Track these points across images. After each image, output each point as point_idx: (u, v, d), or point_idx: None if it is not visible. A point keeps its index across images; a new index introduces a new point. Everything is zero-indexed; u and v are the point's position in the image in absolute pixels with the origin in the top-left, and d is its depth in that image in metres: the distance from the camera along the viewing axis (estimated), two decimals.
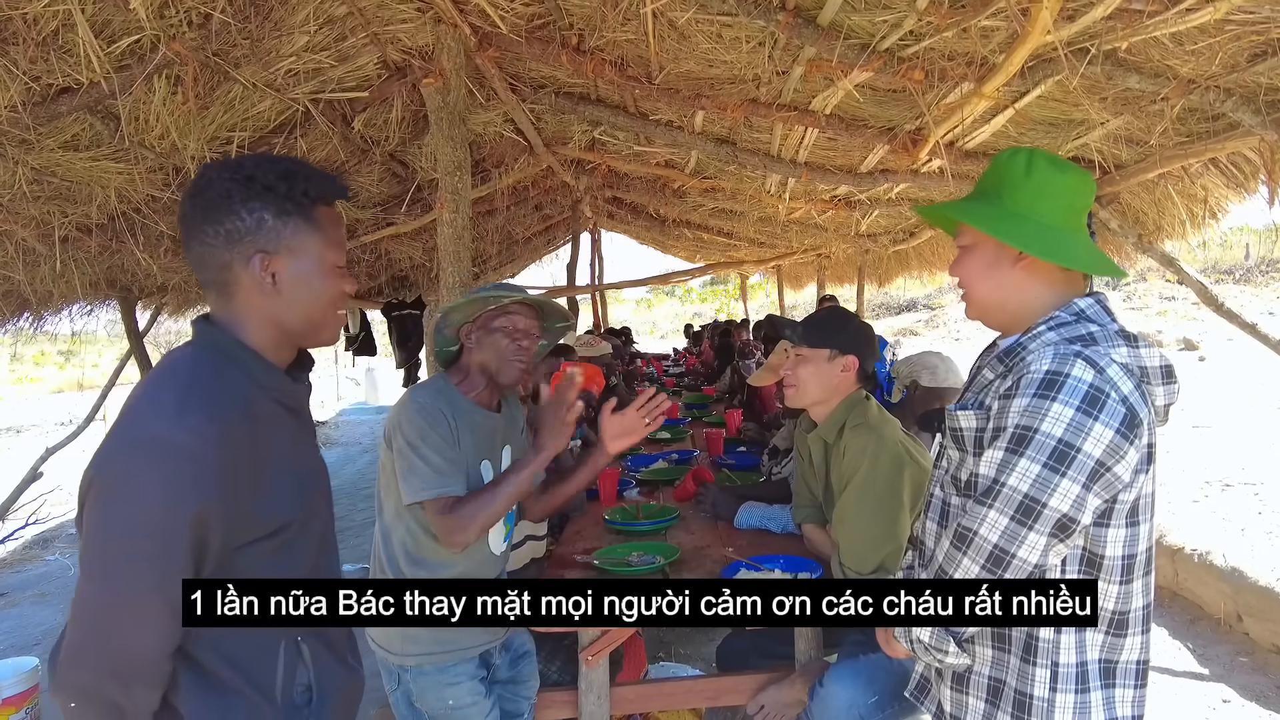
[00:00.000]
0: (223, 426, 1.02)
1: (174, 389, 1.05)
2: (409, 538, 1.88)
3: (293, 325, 1.17)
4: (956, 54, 2.58)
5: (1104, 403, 1.14)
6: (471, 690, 1.92)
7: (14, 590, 5.41)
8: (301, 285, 1.15)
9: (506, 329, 1.91)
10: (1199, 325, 13.40)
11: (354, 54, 3.12)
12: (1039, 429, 1.15)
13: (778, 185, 5.13)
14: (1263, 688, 3.23)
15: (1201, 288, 3.54)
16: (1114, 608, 1.24)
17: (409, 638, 1.88)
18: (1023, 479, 1.16)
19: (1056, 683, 1.23)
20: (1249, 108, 2.40)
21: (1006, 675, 1.28)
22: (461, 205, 3.02)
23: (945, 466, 1.41)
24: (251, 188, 1.10)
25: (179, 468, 0.98)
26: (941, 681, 1.38)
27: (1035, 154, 1.31)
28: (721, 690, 2.24)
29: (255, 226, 1.11)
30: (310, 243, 1.15)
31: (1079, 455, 1.14)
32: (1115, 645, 1.24)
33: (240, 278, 1.12)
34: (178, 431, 0.99)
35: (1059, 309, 1.28)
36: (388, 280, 7.44)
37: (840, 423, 2.14)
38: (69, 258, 3.78)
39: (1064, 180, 1.29)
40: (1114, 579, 1.23)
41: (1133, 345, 1.23)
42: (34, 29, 2.17)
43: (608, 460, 1.99)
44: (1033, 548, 1.17)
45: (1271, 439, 6.61)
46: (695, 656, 3.58)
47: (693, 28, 2.86)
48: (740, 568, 2.19)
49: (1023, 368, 1.23)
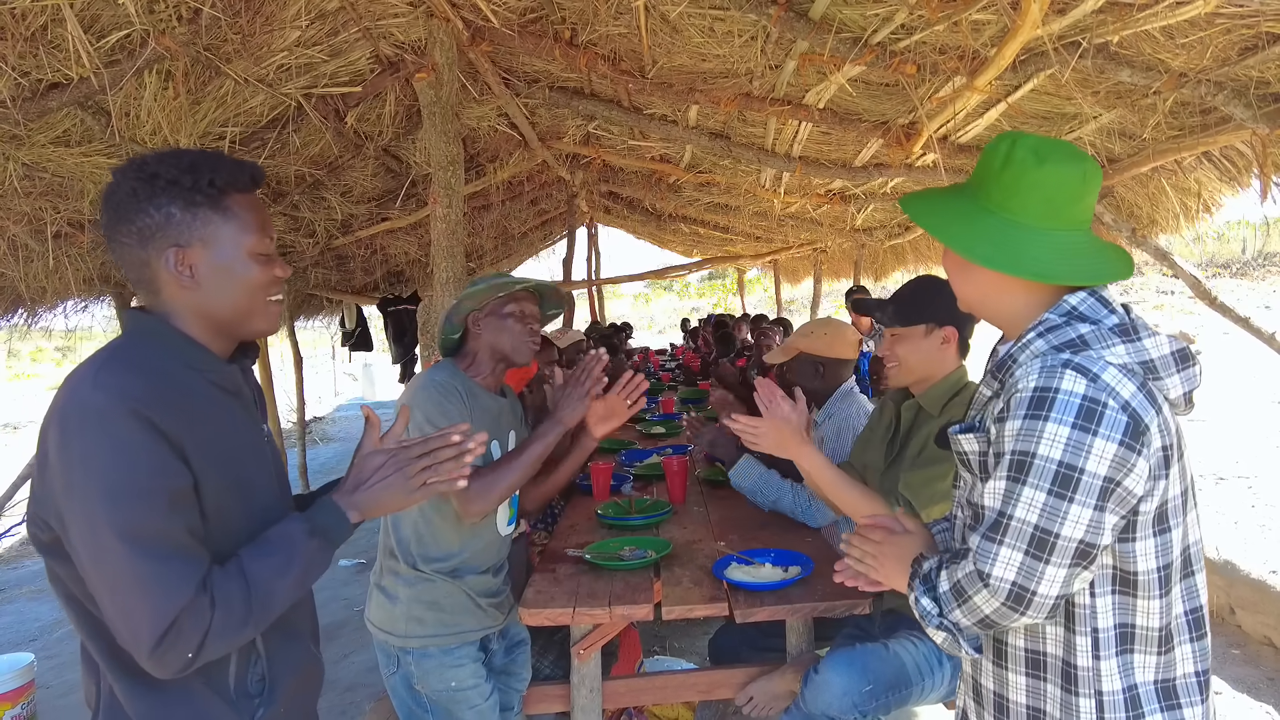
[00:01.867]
0: (139, 383, 1.04)
1: (90, 364, 1.07)
2: (421, 520, 1.92)
3: (220, 316, 1.16)
4: (948, 47, 2.58)
5: (1101, 414, 1.04)
6: (474, 673, 1.95)
7: (10, 586, 5.42)
8: (221, 275, 1.14)
9: (518, 314, 1.99)
10: (1196, 319, 13.42)
11: (346, 49, 3.11)
12: (1036, 453, 1.06)
13: (772, 179, 5.13)
14: (1254, 679, 3.25)
15: (1195, 281, 3.55)
16: (1159, 625, 1.12)
17: (414, 619, 1.91)
18: (1029, 509, 1.07)
19: (1104, 711, 1.12)
20: (1240, 101, 2.40)
21: (1045, 704, 1.17)
22: (455, 200, 3.02)
23: (961, 487, 1.32)
24: (156, 184, 1.11)
25: (107, 419, 1.00)
26: (984, 710, 1.28)
27: (1020, 140, 1.17)
28: (713, 684, 2.24)
29: (164, 222, 1.11)
30: (223, 232, 1.14)
31: (1083, 476, 1.04)
32: (1168, 662, 1.14)
33: (159, 274, 1.13)
34: (94, 392, 1.02)
35: (1049, 309, 1.16)
36: (383, 275, 7.43)
37: (951, 393, 2.03)
38: (62, 253, 3.77)
39: (1043, 173, 1.15)
40: (1152, 594, 1.11)
41: (1131, 340, 1.12)
42: (22, 24, 2.17)
43: (594, 444, 2.06)
44: (1052, 581, 1.07)
45: (1266, 433, 6.63)
46: (689, 650, 3.59)
47: (685, 21, 2.86)
48: (731, 562, 2.20)
49: (1012, 385, 1.12)
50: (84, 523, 1.00)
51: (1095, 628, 1.12)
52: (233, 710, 1.13)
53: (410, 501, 1.19)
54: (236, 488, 1.13)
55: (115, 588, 1.00)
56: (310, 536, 1.12)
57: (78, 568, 1.03)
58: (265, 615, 1.08)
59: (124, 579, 0.99)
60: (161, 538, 1.01)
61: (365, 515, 1.18)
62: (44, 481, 1.04)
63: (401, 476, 1.17)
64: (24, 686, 3.27)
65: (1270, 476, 5.30)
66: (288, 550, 1.10)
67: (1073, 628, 1.14)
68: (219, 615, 1.02)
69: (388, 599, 1.95)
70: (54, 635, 4.48)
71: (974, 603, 1.12)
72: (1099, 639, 1.12)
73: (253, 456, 1.20)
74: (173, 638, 0.99)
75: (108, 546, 0.99)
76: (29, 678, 3.30)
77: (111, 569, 0.99)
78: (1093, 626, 1.13)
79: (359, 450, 1.22)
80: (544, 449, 1.91)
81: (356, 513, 1.16)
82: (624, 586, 2.11)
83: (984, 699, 1.28)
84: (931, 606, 1.17)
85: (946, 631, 1.17)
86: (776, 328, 5.70)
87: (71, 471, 1.00)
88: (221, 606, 1.02)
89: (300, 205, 4.45)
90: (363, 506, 1.17)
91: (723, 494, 3.01)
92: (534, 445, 1.91)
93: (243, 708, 1.14)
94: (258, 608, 1.06)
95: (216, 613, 1.02)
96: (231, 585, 1.05)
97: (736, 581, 2.07)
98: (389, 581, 1.96)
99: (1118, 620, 1.12)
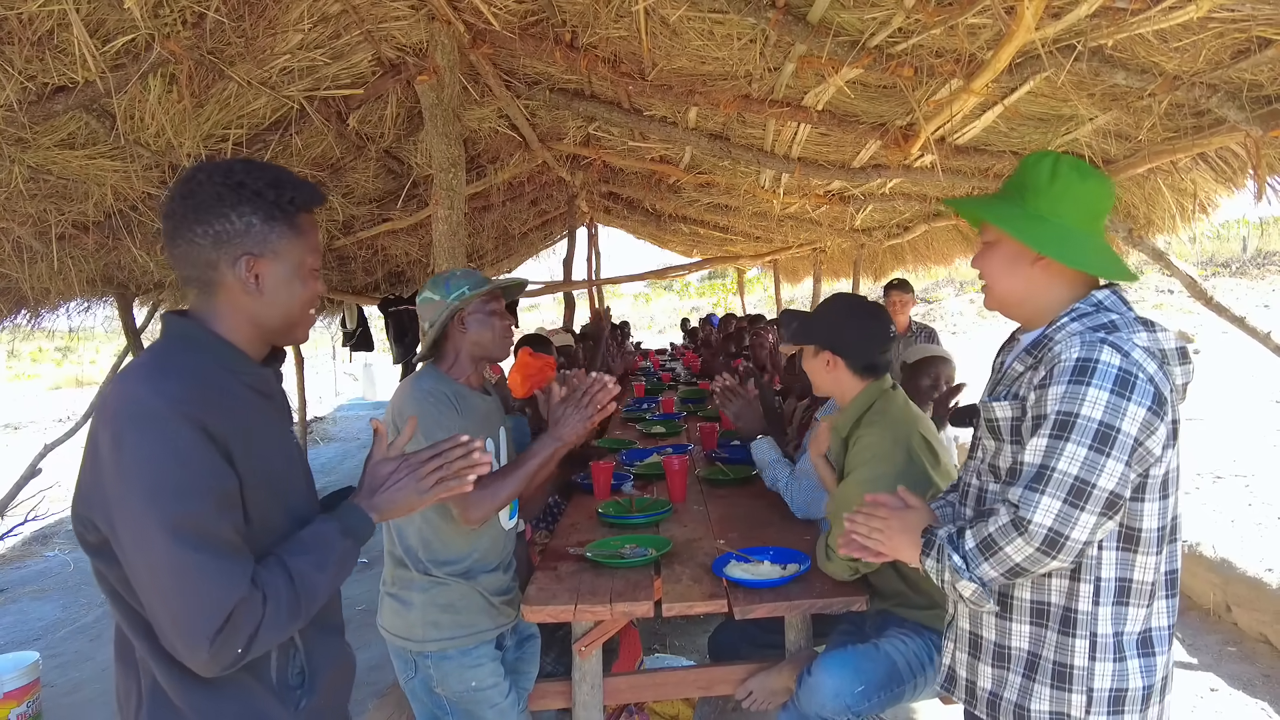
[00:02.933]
0: (191, 389, 1.08)
1: (141, 368, 1.12)
2: (426, 527, 1.94)
3: (270, 323, 1.23)
4: (945, 51, 2.60)
5: (1134, 383, 1.22)
6: (493, 671, 1.98)
7: (13, 586, 5.44)
8: (282, 287, 1.21)
9: (497, 311, 2.05)
10: (1194, 318, 13.43)
11: (348, 51, 3.13)
12: (1079, 413, 1.22)
13: (772, 180, 5.14)
14: (1250, 676, 3.28)
15: (1191, 281, 3.57)
16: (1150, 579, 1.31)
17: (430, 623, 1.93)
18: (1071, 462, 1.22)
19: (1095, 652, 1.30)
20: (1234, 103, 2.42)
21: (1044, 649, 1.34)
22: (456, 201, 3.04)
23: (980, 456, 1.48)
24: (242, 193, 1.16)
25: (162, 422, 1.04)
26: (980, 662, 1.44)
27: (1061, 159, 1.39)
28: (713, 680, 2.27)
29: (244, 230, 1.17)
30: (293, 248, 1.21)
31: (1120, 435, 1.21)
32: (1149, 614, 1.32)
33: (225, 277, 1.18)
34: (150, 396, 1.06)
35: (1078, 301, 1.37)
36: (384, 276, 7.45)
37: (856, 416, 2.12)
38: (66, 255, 3.80)
39: (1085, 186, 1.37)
40: (1150, 550, 1.30)
41: (1151, 330, 1.31)
42: (29, 29, 2.19)
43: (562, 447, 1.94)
44: (1084, 527, 1.22)
45: (1263, 431, 6.65)
46: (689, 648, 3.62)
47: (684, 25, 2.88)
48: (731, 559, 2.22)
49: (1053, 358, 1.30)
50: (137, 523, 1.03)
51: (1099, 576, 1.31)
52: (278, 701, 1.18)
53: (422, 502, 1.26)
54: (274, 487, 1.18)
55: (168, 587, 1.02)
56: (344, 536, 1.18)
57: (125, 568, 1.06)
58: (310, 608, 1.13)
59: (179, 577, 1.02)
60: (215, 537, 1.04)
61: (383, 517, 1.25)
62: (95, 483, 1.06)
63: (413, 479, 1.25)
64: (29, 685, 3.30)
65: (1267, 475, 5.32)
66: (324, 548, 1.16)
67: (1078, 576, 1.32)
68: (270, 609, 1.06)
69: (402, 605, 1.96)
70: (57, 634, 4.51)
71: (1005, 553, 1.27)
72: (1100, 586, 1.31)
73: (286, 457, 1.25)
74: (228, 633, 1.02)
75: (161, 546, 1.01)
76: (34, 676, 3.33)
77: (166, 568, 1.02)
78: (1096, 575, 1.31)
79: (369, 459, 1.30)
80: (542, 464, 1.92)
81: (376, 514, 1.24)
82: (625, 584, 2.14)
83: (982, 650, 1.44)
84: (960, 562, 1.32)
85: (976, 583, 1.30)
86: (772, 327, 5.71)
87: (126, 473, 1.03)
88: (272, 601, 1.07)
89: None
90: (381, 508, 1.24)
91: (722, 493, 3.04)
92: (533, 461, 1.92)
93: (287, 699, 1.19)
94: (304, 601, 1.11)
95: (268, 607, 1.06)
96: (278, 580, 1.09)
97: (736, 579, 2.09)
98: (401, 589, 1.97)
99: (1118, 573, 1.31)
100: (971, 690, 1.46)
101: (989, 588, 1.31)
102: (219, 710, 1.12)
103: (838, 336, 2.16)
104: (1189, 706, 3.10)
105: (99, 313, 5.69)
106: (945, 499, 1.66)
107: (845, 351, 2.15)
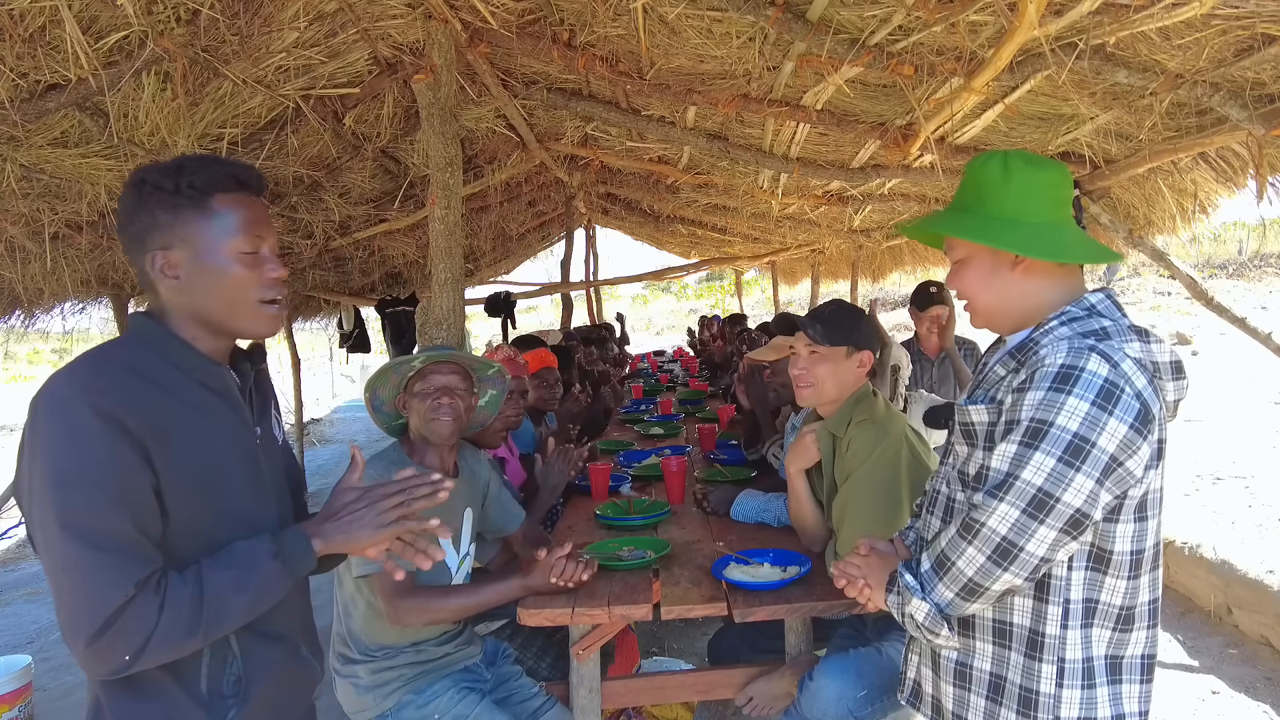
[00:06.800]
0: (111, 382, 1.07)
1: (75, 361, 1.11)
2: (371, 614, 1.94)
3: (209, 315, 1.19)
4: (945, 49, 2.59)
5: (1119, 397, 1.13)
6: (452, 699, 1.96)
7: (7, 589, 5.41)
8: (204, 274, 1.17)
9: (424, 391, 1.98)
10: (1193, 320, 13.44)
11: (345, 50, 3.11)
12: (1054, 422, 1.14)
13: (770, 180, 5.13)
14: (1251, 679, 3.26)
15: (1191, 281, 3.55)
16: (1121, 603, 1.22)
17: (380, 690, 1.94)
18: (1036, 472, 1.15)
19: (1063, 679, 1.22)
20: (1236, 102, 2.41)
21: (1008, 671, 1.27)
22: (453, 201, 3.02)
23: (952, 462, 1.40)
24: (143, 190, 1.15)
25: (70, 412, 1.03)
26: (941, 679, 1.37)
27: (1009, 156, 1.31)
28: (713, 684, 2.25)
29: (151, 226, 1.15)
30: (205, 232, 1.16)
31: (1094, 450, 1.13)
32: (1122, 640, 1.23)
33: (150, 276, 1.17)
34: (64, 386, 1.05)
35: (1070, 304, 1.28)
36: (381, 277, 7.43)
37: (847, 417, 2.11)
38: (59, 255, 3.78)
39: (1044, 176, 1.30)
40: (1121, 574, 1.22)
41: (1145, 340, 1.23)
42: (21, 25, 2.16)
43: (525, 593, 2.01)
44: (1041, 541, 1.15)
45: (1263, 433, 6.65)
46: (688, 651, 3.59)
47: (683, 23, 2.86)
48: (730, 562, 2.20)
49: (1036, 361, 1.21)
50: (39, 511, 1.02)
51: (1067, 599, 1.23)
52: (203, 710, 1.13)
53: (377, 537, 1.17)
54: (207, 489, 1.14)
55: (57, 576, 1.01)
56: (274, 558, 1.12)
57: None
58: (216, 628, 1.08)
59: (64, 568, 1.00)
60: (106, 531, 1.01)
61: (330, 547, 1.17)
62: (18, 472, 1.07)
63: (372, 512, 1.17)
64: (22, 689, 3.27)
65: (1267, 476, 5.31)
66: (249, 568, 1.10)
67: (1045, 598, 1.24)
68: (166, 619, 1.02)
69: (354, 688, 1.97)
70: (51, 637, 4.47)
71: (957, 568, 1.21)
72: (1069, 609, 1.23)
73: (235, 459, 1.20)
74: (112, 635, 0.99)
75: (56, 537, 1.00)
76: (27, 680, 3.30)
77: (57, 559, 1.00)
78: (1065, 598, 1.23)
79: (337, 486, 1.24)
80: (499, 598, 1.95)
81: (321, 542, 1.16)
82: (623, 586, 2.11)
83: (942, 668, 1.37)
84: (914, 583, 1.28)
85: (930, 604, 1.25)
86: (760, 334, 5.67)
87: (33, 459, 1.02)
88: (170, 610, 1.02)
89: (298, 206, 4.45)
90: (329, 536, 1.16)
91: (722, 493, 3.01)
92: (489, 592, 1.95)
93: (215, 708, 1.15)
94: (209, 619, 1.06)
95: (164, 616, 1.02)
96: (185, 591, 1.05)
97: (735, 581, 2.07)
98: (347, 668, 1.98)
99: (1086, 595, 1.23)
100: (938, 708, 1.40)
101: (946, 612, 1.25)
102: (141, 712, 1.10)
103: (871, 338, 2.18)
104: (1190, 709, 3.08)
105: (94, 314, 5.66)
106: (911, 525, 1.59)
107: (876, 352, 2.18)
